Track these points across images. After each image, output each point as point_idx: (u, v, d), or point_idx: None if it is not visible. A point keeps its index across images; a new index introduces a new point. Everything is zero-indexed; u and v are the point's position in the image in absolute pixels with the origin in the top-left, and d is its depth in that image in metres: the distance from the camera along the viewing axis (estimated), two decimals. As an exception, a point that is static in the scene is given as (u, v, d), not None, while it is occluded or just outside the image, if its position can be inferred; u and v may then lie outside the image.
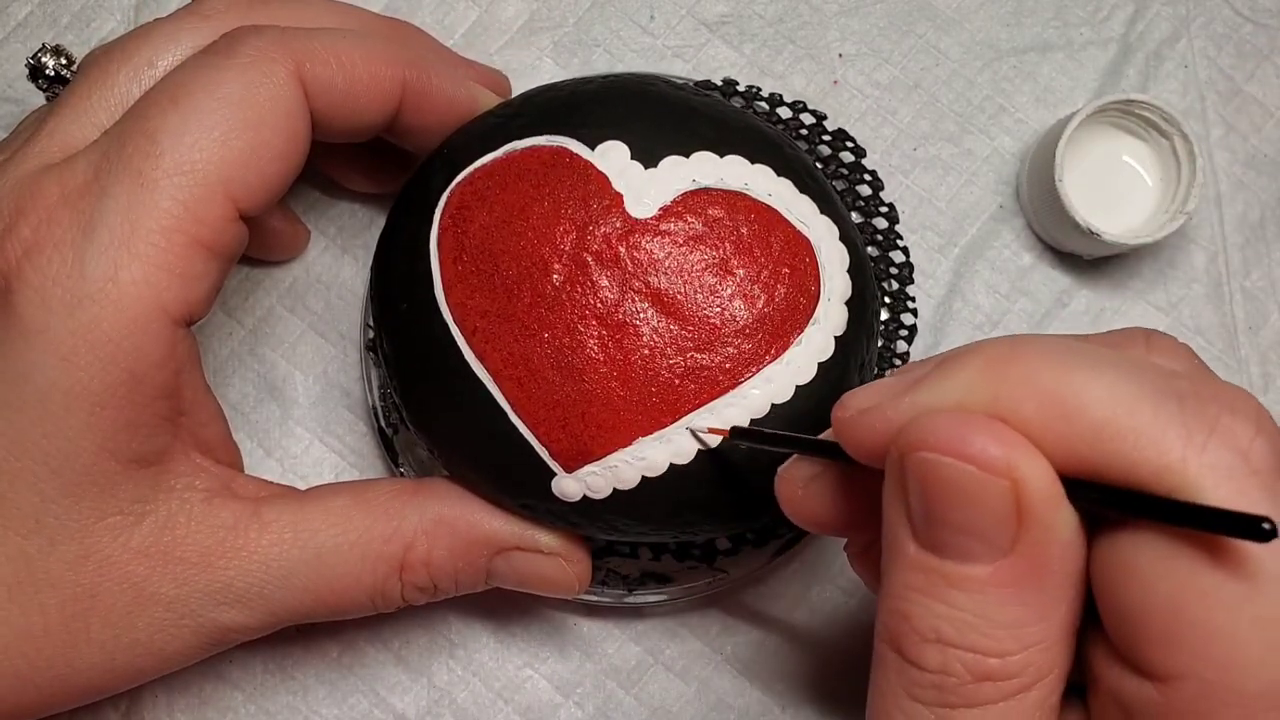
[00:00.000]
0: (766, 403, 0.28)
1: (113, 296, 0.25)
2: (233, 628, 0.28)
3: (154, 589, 0.27)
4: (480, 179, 0.29)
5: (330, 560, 0.28)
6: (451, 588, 0.30)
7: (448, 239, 0.29)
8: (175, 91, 0.26)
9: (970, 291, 0.37)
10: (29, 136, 0.27)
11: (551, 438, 0.28)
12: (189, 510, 0.27)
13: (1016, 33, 0.38)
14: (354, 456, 0.37)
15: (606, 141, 0.28)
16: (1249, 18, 0.38)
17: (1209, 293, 0.37)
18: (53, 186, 0.26)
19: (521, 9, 0.38)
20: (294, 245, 0.37)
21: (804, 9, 0.38)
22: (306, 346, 0.37)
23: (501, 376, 0.28)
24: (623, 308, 0.28)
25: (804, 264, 0.28)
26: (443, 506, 0.30)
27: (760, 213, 0.28)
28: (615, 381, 0.28)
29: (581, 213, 0.28)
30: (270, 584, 0.28)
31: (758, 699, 0.36)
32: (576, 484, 0.28)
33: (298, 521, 0.28)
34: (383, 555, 0.29)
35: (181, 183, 0.25)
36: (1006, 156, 0.38)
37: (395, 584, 0.29)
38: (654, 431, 0.28)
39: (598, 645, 0.36)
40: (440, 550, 0.29)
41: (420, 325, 0.29)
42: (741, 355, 0.28)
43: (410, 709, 0.35)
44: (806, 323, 0.28)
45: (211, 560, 0.27)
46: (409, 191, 0.30)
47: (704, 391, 0.28)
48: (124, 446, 0.26)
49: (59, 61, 0.30)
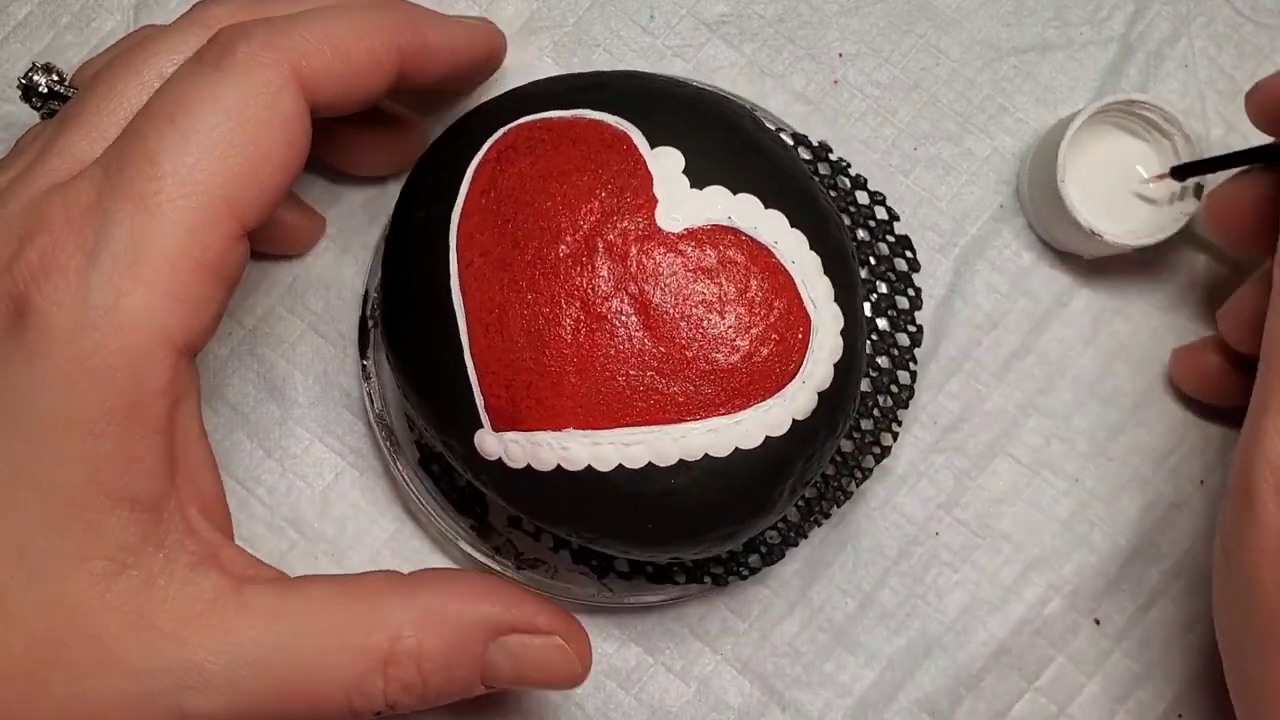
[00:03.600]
0: (702, 450, 0.28)
1: (115, 323, 0.25)
2: (195, 716, 0.26)
3: (122, 653, 0.25)
4: (540, 129, 0.29)
5: (304, 647, 0.26)
6: (443, 685, 0.28)
7: (485, 171, 0.29)
8: (172, 109, 0.26)
9: (970, 291, 0.37)
10: (39, 153, 0.27)
11: (492, 391, 0.28)
12: (171, 572, 0.26)
13: (1017, 32, 0.38)
14: (354, 456, 0.37)
15: (667, 146, 0.29)
16: (1250, 17, 0.38)
17: (1210, 292, 0.37)
18: (58, 209, 0.25)
19: (521, 9, 0.38)
20: (310, 235, 0.37)
21: (804, 9, 0.38)
22: (306, 346, 0.37)
23: (474, 316, 0.28)
24: (609, 303, 0.28)
25: (795, 339, 0.28)
26: (433, 595, 0.28)
27: (776, 274, 0.28)
28: (571, 367, 0.28)
29: (614, 200, 0.28)
30: (241, 670, 0.26)
31: (758, 699, 0.36)
32: (496, 444, 0.28)
33: (278, 606, 0.26)
34: (364, 647, 0.27)
35: (184, 205, 0.25)
36: (1007, 156, 0.38)
37: (377, 680, 0.27)
38: (586, 428, 0.28)
39: (598, 645, 0.36)
40: (431, 640, 0.27)
41: (426, 236, 0.29)
42: (698, 396, 0.28)
43: (410, 709, 0.35)
44: (773, 394, 0.28)
45: (184, 635, 0.25)
46: (470, 118, 0.31)
47: (649, 414, 0.28)
48: (116, 481, 0.25)
49: (51, 79, 0.30)
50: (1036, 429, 0.37)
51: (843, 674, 0.36)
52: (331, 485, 0.36)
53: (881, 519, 0.36)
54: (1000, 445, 0.37)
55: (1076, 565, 0.36)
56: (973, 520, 0.37)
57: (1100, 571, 0.36)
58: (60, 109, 0.30)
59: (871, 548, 0.36)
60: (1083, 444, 0.37)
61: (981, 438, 0.37)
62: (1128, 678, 0.36)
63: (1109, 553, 0.36)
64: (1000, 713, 0.36)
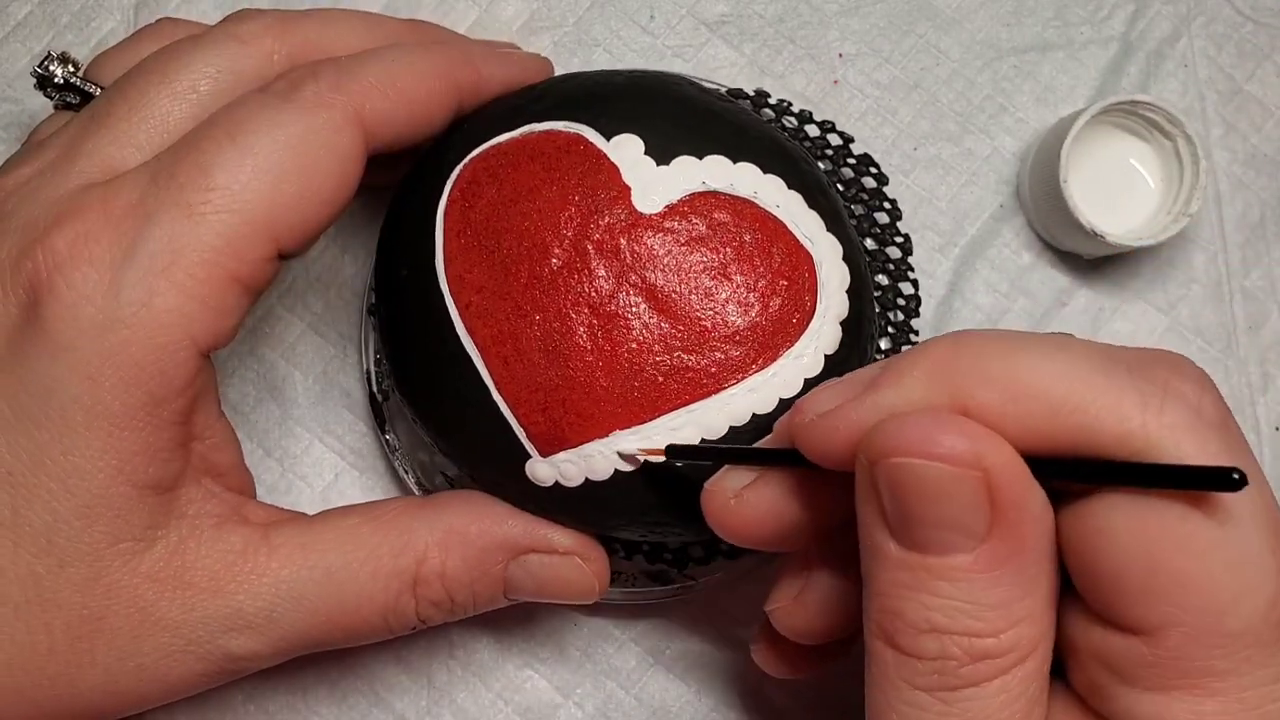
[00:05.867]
0: (748, 412, 0.28)
1: (145, 321, 0.25)
2: (242, 655, 0.27)
3: (161, 614, 0.26)
4: (494, 156, 0.29)
5: (340, 578, 0.28)
6: (469, 601, 0.30)
7: (454, 211, 0.29)
8: (234, 129, 0.26)
9: (970, 291, 0.37)
10: (63, 151, 0.27)
11: (530, 419, 0.28)
12: (199, 535, 0.27)
13: (1017, 32, 0.38)
14: (354, 456, 0.37)
15: (622, 134, 0.29)
16: (1249, 17, 0.38)
17: (1208, 292, 0.37)
18: (95, 204, 0.25)
19: (521, 9, 0.38)
20: None
21: (804, 9, 0.38)
22: (306, 346, 0.37)
23: (489, 353, 0.28)
24: (616, 299, 0.28)
25: (803, 279, 0.28)
26: (453, 517, 0.29)
27: (765, 222, 0.28)
28: (599, 371, 0.28)
29: (589, 201, 0.28)
30: (280, 606, 0.27)
31: (758, 699, 0.36)
32: (549, 469, 0.28)
33: (306, 543, 0.28)
34: (394, 570, 0.28)
35: (229, 220, 0.25)
36: (1007, 156, 0.38)
37: (409, 601, 0.29)
38: (631, 426, 0.28)
39: (598, 645, 0.36)
40: (454, 560, 0.29)
41: (417, 293, 0.29)
42: (729, 361, 0.28)
43: (410, 709, 0.36)
44: (798, 337, 0.28)
45: (220, 585, 0.27)
46: (424, 161, 0.31)
47: (686, 392, 0.28)
48: (139, 471, 0.26)
49: (67, 70, 0.30)
50: (1036, 429, 0.37)
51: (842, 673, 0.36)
52: (331, 485, 0.37)
53: (881, 519, 0.36)
54: (1000, 445, 0.37)
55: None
56: (972, 520, 0.37)
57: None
58: (75, 101, 0.30)
59: (871, 547, 0.36)
60: (1082, 444, 0.37)
61: (981, 437, 0.37)
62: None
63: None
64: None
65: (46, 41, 0.38)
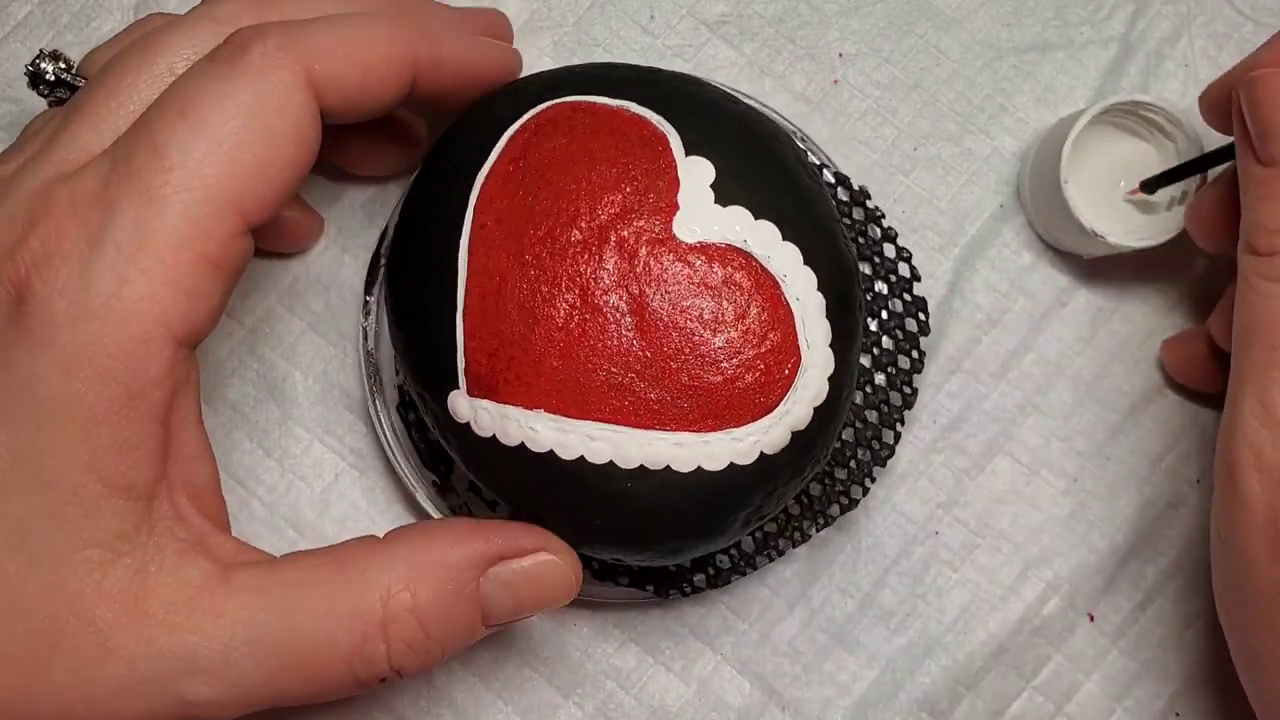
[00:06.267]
0: (665, 462, 0.28)
1: (116, 311, 0.25)
2: (196, 702, 0.25)
3: (118, 640, 0.25)
4: (582, 112, 0.29)
5: (297, 619, 0.26)
6: (446, 634, 0.28)
7: (521, 138, 0.29)
8: (184, 103, 0.26)
9: (970, 290, 0.37)
10: (45, 143, 0.27)
11: (475, 357, 0.28)
12: (161, 560, 0.26)
13: (1017, 32, 0.38)
14: (354, 456, 0.37)
15: (701, 157, 0.29)
16: (1250, 17, 0.38)
17: (1209, 293, 0.37)
18: (63, 197, 0.25)
19: (521, 8, 0.38)
20: (310, 234, 0.37)
21: (804, 9, 0.38)
22: (306, 346, 0.37)
23: (475, 277, 0.28)
24: (608, 297, 0.28)
25: (781, 374, 0.28)
26: (415, 548, 0.28)
27: (777, 306, 0.28)
28: (556, 351, 0.28)
29: (637, 198, 0.28)
30: (236, 650, 0.25)
31: (757, 699, 0.36)
32: (468, 409, 0.28)
33: (265, 583, 0.26)
34: (355, 611, 0.26)
35: (190, 199, 0.25)
36: (1007, 156, 0.38)
37: (378, 645, 0.27)
38: (556, 414, 0.28)
39: (598, 645, 0.36)
40: (425, 591, 0.27)
41: (450, 184, 0.29)
42: (672, 408, 0.28)
43: (409, 709, 0.36)
44: (746, 423, 0.28)
45: (176, 620, 0.25)
46: (524, 84, 0.31)
47: (621, 413, 0.28)
48: (111, 468, 0.25)
49: (58, 66, 0.30)
50: (1035, 428, 0.37)
51: (842, 673, 0.36)
52: (331, 485, 0.37)
53: (881, 518, 0.37)
54: (999, 444, 0.37)
55: (1075, 564, 0.36)
56: (972, 520, 0.37)
57: (1098, 570, 0.36)
58: (68, 97, 0.30)
59: (871, 547, 0.36)
60: (1081, 443, 0.37)
61: (981, 437, 0.37)
62: (1125, 676, 0.36)
63: (1107, 552, 0.36)
64: (998, 712, 0.36)
65: (47, 41, 0.38)
